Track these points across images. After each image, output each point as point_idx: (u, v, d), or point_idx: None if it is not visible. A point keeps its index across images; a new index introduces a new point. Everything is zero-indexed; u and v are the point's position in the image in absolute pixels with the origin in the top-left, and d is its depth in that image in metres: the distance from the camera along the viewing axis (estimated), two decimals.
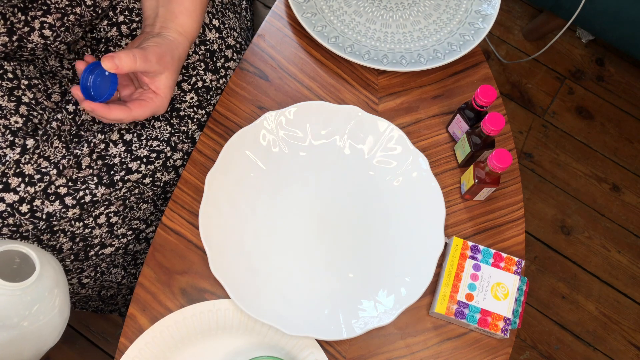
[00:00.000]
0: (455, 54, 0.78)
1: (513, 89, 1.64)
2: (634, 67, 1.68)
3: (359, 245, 0.70)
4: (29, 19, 0.62)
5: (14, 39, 0.62)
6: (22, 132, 0.63)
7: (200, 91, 0.77)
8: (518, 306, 0.66)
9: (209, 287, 0.68)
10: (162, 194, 0.77)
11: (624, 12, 1.36)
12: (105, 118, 0.63)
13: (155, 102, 0.65)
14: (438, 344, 0.68)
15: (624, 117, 1.63)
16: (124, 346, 0.65)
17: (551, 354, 1.39)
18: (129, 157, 0.72)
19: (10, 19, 0.61)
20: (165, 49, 0.64)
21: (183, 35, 0.67)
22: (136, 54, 0.60)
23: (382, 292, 0.68)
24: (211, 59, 0.77)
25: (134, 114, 0.63)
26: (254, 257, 0.69)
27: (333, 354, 0.67)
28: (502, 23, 1.71)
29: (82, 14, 0.66)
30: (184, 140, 0.75)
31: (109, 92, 0.63)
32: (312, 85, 0.78)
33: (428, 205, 0.70)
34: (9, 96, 0.62)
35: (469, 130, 0.71)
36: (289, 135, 0.74)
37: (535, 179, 1.55)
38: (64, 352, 1.25)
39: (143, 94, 0.65)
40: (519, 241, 0.72)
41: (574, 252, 1.49)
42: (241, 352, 0.66)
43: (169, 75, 0.65)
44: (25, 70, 0.64)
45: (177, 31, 0.66)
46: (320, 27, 0.80)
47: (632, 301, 1.45)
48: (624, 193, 1.55)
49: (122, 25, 0.73)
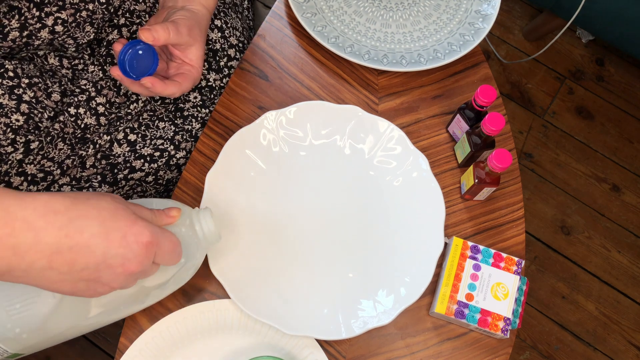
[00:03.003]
0: (455, 54, 0.78)
1: (513, 89, 1.64)
2: (634, 67, 1.68)
3: (358, 245, 0.70)
4: (43, 15, 0.62)
5: (24, 34, 0.62)
6: (24, 130, 0.63)
7: (203, 90, 0.77)
8: (518, 306, 0.66)
9: (209, 287, 0.68)
10: (164, 192, 0.77)
11: (624, 12, 1.37)
12: (160, 93, 0.64)
13: (194, 74, 0.66)
14: (438, 344, 0.68)
15: (624, 117, 1.63)
16: (124, 346, 0.65)
17: (551, 354, 1.39)
18: (132, 156, 0.72)
19: (25, 14, 0.61)
20: (193, 21, 0.65)
21: (206, 7, 0.68)
22: (169, 27, 0.62)
23: (381, 292, 0.68)
24: (214, 58, 0.78)
25: (183, 87, 0.65)
26: (254, 257, 0.69)
27: (333, 354, 0.67)
28: (502, 23, 1.71)
29: (95, 11, 0.66)
30: (187, 139, 0.75)
31: (153, 67, 0.63)
32: (312, 85, 0.79)
33: (428, 205, 0.70)
34: (9, 94, 0.62)
35: (469, 130, 0.71)
36: (289, 134, 0.74)
37: (535, 179, 1.55)
38: (64, 352, 1.25)
39: (181, 67, 0.66)
40: (519, 241, 0.72)
41: (574, 252, 1.49)
42: (241, 352, 0.66)
43: (199, 47, 0.66)
44: (25, 69, 0.64)
45: (200, 4, 0.68)
46: (320, 27, 0.80)
47: (632, 301, 1.45)
48: (624, 193, 1.55)
49: (123, 28, 0.73)
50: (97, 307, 0.56)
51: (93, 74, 0.71)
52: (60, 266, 0.47)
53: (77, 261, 0.47)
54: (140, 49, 0.62)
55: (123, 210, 0.51)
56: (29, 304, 0.52)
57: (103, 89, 0.70)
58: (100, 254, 0.48)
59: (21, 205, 0.46)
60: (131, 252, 0.50)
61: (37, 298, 0.52)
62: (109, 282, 0.50)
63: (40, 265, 0.46)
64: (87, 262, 0.48)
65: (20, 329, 0.52)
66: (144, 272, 0.52)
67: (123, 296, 0.57)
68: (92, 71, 0.71)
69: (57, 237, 0.46)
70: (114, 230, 0.49)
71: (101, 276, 0.49)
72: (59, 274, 0.47)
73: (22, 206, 0.46)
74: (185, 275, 0.61)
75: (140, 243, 0.50)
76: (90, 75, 0.71)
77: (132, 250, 0.50)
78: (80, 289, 0.49)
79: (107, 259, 0.48)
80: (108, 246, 0.48)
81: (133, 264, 0.50)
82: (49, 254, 0.46)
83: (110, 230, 0.49)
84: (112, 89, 0.72)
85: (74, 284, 0.49)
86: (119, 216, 0.50)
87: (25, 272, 0.46)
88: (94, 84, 0.70)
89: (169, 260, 0.54)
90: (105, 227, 0.49)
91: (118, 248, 0.49)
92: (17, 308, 0.52)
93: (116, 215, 0.50)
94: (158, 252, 0.52)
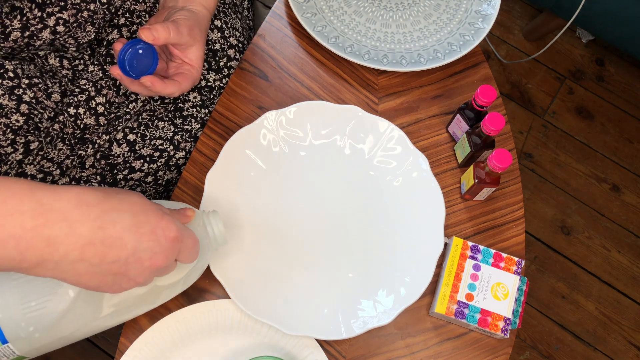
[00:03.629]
0: (455, 54, 0.78)
1: (513, 89, 1.64)
2: (634, 67, 1.68)
3: (358, 244, 0.70)
4: (44, 15, 0.62)
5: (26, 34, 0.62)
6: (23, 131, 0.63)
7: (203, 90, 0.77)
8: (518, 306, 0.66)
9: (209, 287, 0.68)
10: (164, 192, 0.77)
11: (624, 12, 1.37)
12: (159, 92, 0.64)
13: (193, 74, 0.66)
14: (438, 344, 0.68)
15: (624, 117, 1.63)
16: (124, 346, 0.65)
17: (551, 354, 1.39)
18: (132, 156, 0.72)
19: (27, 14, 0.61)
20: (194, 21, 0.65)
21: (206, 8, 0.69)
22: (169, 26, 0.62)
23: (381, 292, 0.68)
24: (214, 58, 0.78)
25: (182, 86, 0.65)
26: (254, 257, 0.69)
27: (333, 354, 0.67)
28: (502, 23, 1.71)
29: (96, 11, 0.66)
30: (187, 139, 0.75)
31: (153, 66, 0.63)
32: (312, 85, 0.79)
33: (428, 205, 0.70)
34: (9, 95, 0.62)
35: (469, 130, 0.71)
36: (289, 134, 0.74)
37: (535, 179, 1.55)
38: (64, 352, 1.25)
39: (181, 67, 0.67)
40: (519, 241, 0.72)
41: (574, 252, 1.49)
42: (241, 352, 0.66)
43: (199, 47, 0.66)
44: (25, 69, 0.64)
45: (201, 4, 0.68)
46: (320, 27, 0.80)
47: (632, 301, 1.45)
48: (624, 193, 1.55)
49: (123, 28, 0.73)
50: (109, 307, 0.56)
51: (93, 74, 0.71)
52: (91, 258, 0.47)
53: (108, 254, 0.48)
54: (141, 48, 0.62)
55: (151, 205, 0.51)
56: (45, 301, 0.52)
57: (103, 88, 0.70)
58: (131, 247, 0.48)
59: (54, 197, 0.46)
60: (159, 246, 0.50)
61: (52, 296, 0.52)
62: (135, 277, 0.50)
63: (72, 257, 0.46)
64: (118, 254, 0.48)
65: (34, 327, 0.52)
66: (167, 267, 0.53)
67: (135, 296, 0.57)
68: (92, 71, 0.71)
69: (90, 228, 0.46)
70: (145, 223, 0.50)
71: (129, 270, 0.49)
72: (89, 266, 0.47)
73: (56, 198, 0.46)
74: (194, 275, 0.61)
75: (168, 237, 0.51)
76: (90, 75, 0.71)
77: (161, 245, 0.50)
78: (107, 283, 0.49)
79: (137, 252, 0.49)
80: (139, 239, 0.49)
81: (160, 258, 0.50)
82: (82, 245, 0.46)
83: (142, 223, 0.49)
84: (111, 89, 0.72)
85: (102, 278, 0.49)
86: (148, 210, 0.51)
87: (56, 265, 0.46)
88: (94, 84, 0.70)
89: (188, 257, 0.54)
90: (136, 220, 0.49)
91: (148, 242, 0.49)
92: (33, 306, 0.52)
93: (146, 209, 0.50)
94: (181, 248, 0.53)
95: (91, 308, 0.55)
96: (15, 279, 0.52)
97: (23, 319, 0.52)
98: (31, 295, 0.52)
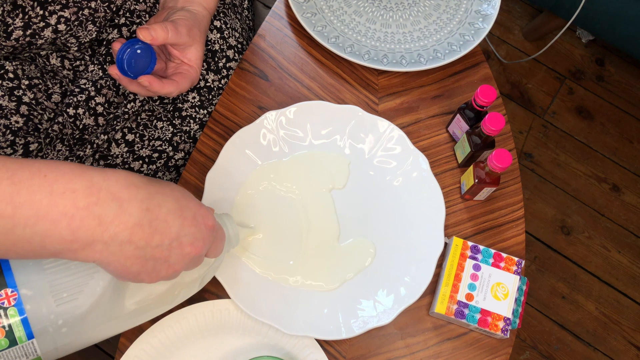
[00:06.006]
0: (455, 54, 0.78)
1: (513, 89, 1.64)
2: (634, 67, 1.68)
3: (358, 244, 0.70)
4: (46, 13, 0.62)
5: (28, 33, 0.62)
6: (23, 132, 0.63)
7: (202, 91, 0.77)
8: (518, 306, 0.66)
9: (209, 287, 0.68)
10: None
11: (624, 12, 1.37)
12: (157, 92, 0.64)
13: (192, 74, 0.66)
14: (438, 344, 0.68)
15: (624, 117, 1.63)
16: (124, 346, 0.65)
17: (551, 354, 1.39)
18: (131, 157, 0.72)
19: (29, 13, 0.61)
20: (193, 22, 0.65)
21: (206, 9, 0.69)
22: (168, 26, 0.62)
23: (381, 292, 0.68)
24: (213, 59, 0.78)
25: (180, 86, 0.65)
26: (254, 257, 0.69)
27: (333, 354, 0.67)
28: (502, 23, 1.71)
29: (97, 9, 0.66)
30: (185, 140, 0.75)
31: (151, 66, 0.63)
32: (312, 85, 0.79)
33: (428, 205, 0.70)
34: (9, 96, 0.62)
35: (469, 130, 0.71)
36: (289, 134, 0.74)
37: (535, 179, 1.55)
38: None
39: (179, 67, 0.67)
40: (519, 241, 0.72)
41: (574, 252, 1.49)
42: (241, 352, 0.66)
43: (198, 47, 0.66)
44: (26, 70, 0.64)
45: (201, 5, 0.68)
46: (320, 27, 0.80)
47: (632, 301, 1.45)
48: (624, 193, 1.55)
49: (122, 28, 0.73)
50: (131, 304, 0.56)
51: (93, 73, 0.71)
52: (138, 240, 0.47)
53: (154, 237, 0.48)
54: (139, 48, 0.62)
55: (189, 193, 0.53)
56: (77, 292, 0.51)
57: (102, 88, 0.70)
58: (175, 231, 0.49)
59: (104, 177, 0.46)
60: (200, 232, 0.51)
61: (84, 287, 0.51)
62: (174, 263, 0.50)
63: (122, 237, 0.46)
64: (162, 238, 0.48)
65: (63, 320, 0.51)
66: (201, 257, 0.53)
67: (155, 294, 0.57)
68: (92, 70, 0.71)
69: (139, 209, 0.47)
70: (187, 209, 0.50)
71: (170, 255, 0.50)
72: (135, 249, 0.47)
73: (105, 177, 0.46)
74: (209, 275, 0.62)
75: (207, 225, 0.52)
76: (90, 74, 0.71)
77: (201, 231, 0.51)
78: (147, 269, 0.49)
79: (180, 237, 0.49)
80: (182, 224, 0.49)
81: (199, 245, 0.51)
82: (131, 226, 0.46)
83: (184, 208, 0.50)
84: (111, 89, 0.72)
85: (144, 262, 0.49)
86: (188, 197, 0.52)
87: (105, 246, 0.46)
88: (94, 83, 0.70)
89: (216, 250, 0.55)
90: (179, 205, 0.50)
91: (190, 227, 0.50)
92: (64, 297, 0.51)
93: (186, 195, 0.52)
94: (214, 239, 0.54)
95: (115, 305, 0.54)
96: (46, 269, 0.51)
97: (53, 311, 0.50)
98: (63, 285, 0.51)
